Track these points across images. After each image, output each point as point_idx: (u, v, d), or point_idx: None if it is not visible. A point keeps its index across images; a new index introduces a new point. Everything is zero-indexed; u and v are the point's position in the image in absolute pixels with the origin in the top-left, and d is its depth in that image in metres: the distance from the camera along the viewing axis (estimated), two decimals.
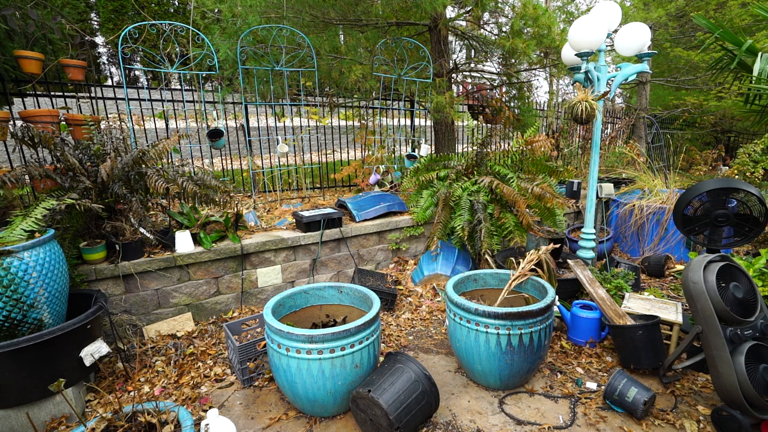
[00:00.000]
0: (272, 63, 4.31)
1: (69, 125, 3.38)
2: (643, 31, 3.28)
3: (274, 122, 5.65)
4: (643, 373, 2.58)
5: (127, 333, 2.92)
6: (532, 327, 2.28)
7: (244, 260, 3.36)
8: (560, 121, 7.73)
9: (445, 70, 5.39)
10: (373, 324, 2.19)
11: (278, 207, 4.39)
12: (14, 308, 1.99)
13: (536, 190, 3.72)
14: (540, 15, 4.77)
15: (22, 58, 3.16)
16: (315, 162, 5.85)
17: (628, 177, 5.80)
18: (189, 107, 4.83)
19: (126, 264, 2.86)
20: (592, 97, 3.13)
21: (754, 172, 5.12)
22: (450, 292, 2.52)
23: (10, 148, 4.14)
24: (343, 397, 2.15)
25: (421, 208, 4.18)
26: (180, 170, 3.14)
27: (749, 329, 2.03)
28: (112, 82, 12.04)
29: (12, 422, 2.07)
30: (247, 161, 4.56)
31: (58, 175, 2.75)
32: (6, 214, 2.54)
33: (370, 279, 3.74)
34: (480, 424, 2.19)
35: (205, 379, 2.57)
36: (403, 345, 3.01)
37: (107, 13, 11.40)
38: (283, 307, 2.52)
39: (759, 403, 1.91)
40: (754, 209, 2.71)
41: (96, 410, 2.28)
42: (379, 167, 5.08)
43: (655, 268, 4.19)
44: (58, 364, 2.12)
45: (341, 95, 5.50)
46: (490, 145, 5.25)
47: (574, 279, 3.28)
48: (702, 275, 2.03)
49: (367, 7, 4.77)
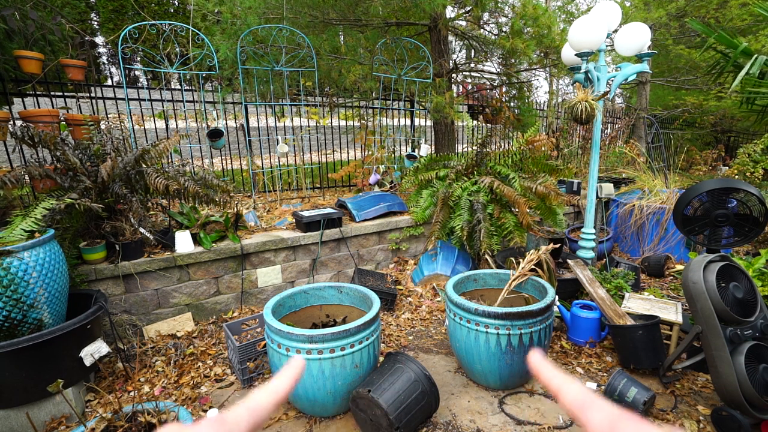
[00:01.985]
0: (272, 63, 4.31)
1: (69, 125, 3.38)
2: (643, 31, 3.28)
3: (274, 122, 5.66)
4: (643, 373, 2.58)
5: (127, 333, 2.92)
6: (532, 327, 2.28)
7: (244, 260, 3.36)
8: (560, 121, 7.73)
9: (445, 70, 5.39)
10: (373, 324, 2.19)
11: (278, 207, 4.39)
12: (14, 308, 1.99)
13: (540, 189, 3.72)
14: (540, 15, 4.77)
15: (22, 58, 3.16)
16: (315, 162, 5.84)
17: (628, 177, 5.80)
18: (189, 107, 4.83)
19: (126, 264, 2.86)
20: (592, 97, 3.13)
21: (754, 172, 5.12)
22: (450, 292, 2.52)
23: (10, 148, 4.14)
24: (343, 397, 2.15)
25: (421, 208, 4.18)
26: (181, 170, 3.14)
27: (749, 329, 2.03)
28: (112, 82, 12.04)
29: (12, 422, 2.07)
30: (247, 161, 4.55)
31: (58, 175, 2.75)
32: (6, 214, 2.54)
33: (370, 279, 3.74)
34: (480, 424, 2.19)
35: (205, 379, 2.57)
36: (403, 345, 3.01)
37: (107, 13, 11.40)
38: (283, 307, 2.52)
39: (759, 403, 1.91)
40: (754, 209, 2.70)
41: (96, 410, 2.28)
42: (379, 167, 5.08)
43: (655, 268, 4.19)
44: (58, 364, 2.12)
45: (341, 95, 5.50)
46: (491, 145, 5.26)
47: (574, 279, 3.28)
48: (702, 275, 2.03)
49: (367, 7, 4.77)
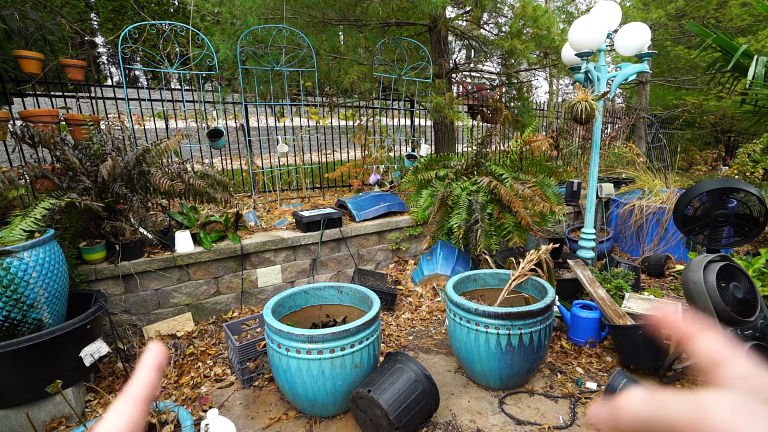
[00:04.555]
0: (272, 63, 4.31)
1: (69, 125, 3.38)
2: (643, 31, 3.28)
3: (273, 122, 5.66)
4: (643, 373, 2.58)
5: (127, 333, 2.92)
6: (532, 327, 2.28)
7: (244, 260, 3.36)
8: (560, 121, 7.73)
9: (444, 70, 5.39)
10: (373, 324, 2.19)
11: (278, 207, 4.39)
12: (14, 308, 1.99)
13: (526, 192, 3.70)
14: (539, 16, 4.77)
15: (22, 58, 3.16)
16: (315, 162, 5.85)
17: (628, 177, 5.80)
18: (189, 107, 4.83)
19: (126, 264, 2.86)
20: (592, 97, 3.13)
21: (754, 172, 5.12)
22: (450, 292, 2.52)
23: (10, 148, 4.14)
24: (343, 397, 2.15)
25: (421, 208, 4.18)
26: (183, 168, 3.14)
27: (749, 329, 2.03)
28: (112, 82, 12.04)
29: (12, 422, 2.07)
30: (247, 161, 4.55)
31: (56, 175, 2.75)
32: (6, 214, 2.54)
33: (370, 279, 3.74)
34: (480, 424, 2.19)
35: (205, 379, 2.57)
36: (403, 345, 3.01)
37: (107, 13, 11.40)
38: (283, 307, 2.51)
39: None
40: (754, 209, 2.71)
41: (96, 410, 2.28)
42: (379, 167, 5.08)
43: (655, 268, 4.19)
44: (57, 364, 2.12)
45: (341, 95, 5.50)
46: (490, 145, 5.25)
47: (574, 279, 3.28)
48: (702, 275, 2.03)
49: (366, 7, 4.77)
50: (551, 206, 3.72)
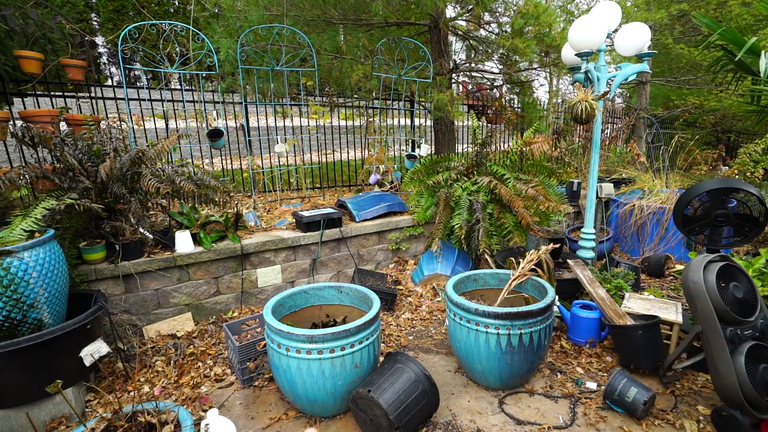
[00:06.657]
0: (272, 62, 4.31)
1: (69, 125, 3.38)
2: (643, 30, 3.27)
3: (274, 122, 5.66)
4: (643, 373, 2.58)
5: (127, 333, 2.92)
6: (532, 327, 2.28)
7: (244, 260, 3.36)
8: (560, 121, 7.72)
9: (445, 69, 5.39)
10: (373, 324, 2.19)
11: (278, 207, 4.39)
12: (14, 308, 1.99)
13: (530, 191, 3.71)
14: (541, 13, 4.77)
15: (22, 58, 3.16)
16: (315, 162, 5.85)
17: (628, 177, 5.79)
18: (189, 107, 4.82)
19: (126, 264, 2.86)
20: (592, 97, 3.13)
21: (754, 172, 5.11)
22: (450, 292, 2.52)
23: (10, 148, 4.14)
24: (343, 397, 2.15)
25: (422, 208, 4.18)
26: (180, 170, 3.14)
27: (749, 329, 2.03)
28: (112, 82, 12.03)
29: (12, 422, 2.07)
30: (247, 161, 4.55)
31: (57, 175, 2.75)
32: (6, 214, 2.54)
33: (370, 279, 3.74)
34: (480, 424, 2.19)
35: (205, 379, 2.57)
36: (403, 345, 3.01)
37: (107, 13, 11.40)
38: (283, 307, 2.52)
39: (759, 403, 1.91)
40: (754, 209, 2.70)
41: (96, 410, 2.28)
42: (379, 167, 5.08)
43: (655, 268, 4.19)
44: (58, 364, 2.12)
45: (341, 95, 5.50)
46: (491, 145, 5.25)
47: (574, 279, 3.28)
48: (702, 275, 2.03)
49: (367, 6, 4.77)
50: (556, 205, 3.72)
